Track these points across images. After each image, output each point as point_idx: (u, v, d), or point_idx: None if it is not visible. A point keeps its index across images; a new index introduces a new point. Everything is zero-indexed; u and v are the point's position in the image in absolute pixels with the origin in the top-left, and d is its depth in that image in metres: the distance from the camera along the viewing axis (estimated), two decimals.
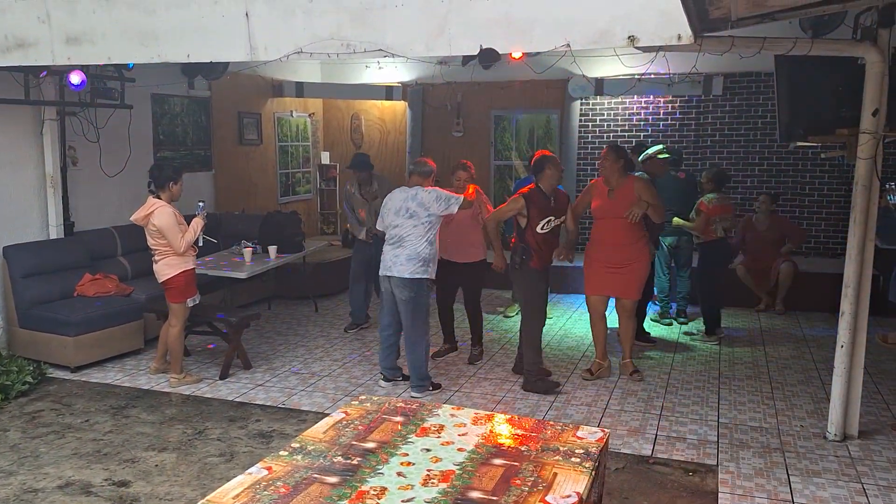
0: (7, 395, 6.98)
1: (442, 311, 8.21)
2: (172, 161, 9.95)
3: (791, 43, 5.66)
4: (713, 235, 8.84)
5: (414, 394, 7.18)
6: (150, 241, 7.20)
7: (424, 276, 6.98)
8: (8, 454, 5.87)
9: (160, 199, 7.14)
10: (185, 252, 7.22)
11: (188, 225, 7.22)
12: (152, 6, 5.65)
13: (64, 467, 5.63)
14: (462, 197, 7.13)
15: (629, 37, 4.65)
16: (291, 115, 13.34)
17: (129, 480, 5.41)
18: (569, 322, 9.86)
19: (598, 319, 7.56)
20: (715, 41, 5.59)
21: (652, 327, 9.30)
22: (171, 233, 7.07)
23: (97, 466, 5.64)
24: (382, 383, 7.43)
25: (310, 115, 13.89)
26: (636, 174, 7.93)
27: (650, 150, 8.55)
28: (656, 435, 6.25)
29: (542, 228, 7.09)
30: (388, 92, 13.15)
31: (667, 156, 8.68)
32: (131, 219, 7.24)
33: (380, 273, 7.15)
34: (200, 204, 7.53)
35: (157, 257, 7.19)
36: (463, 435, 3.85)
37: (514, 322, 9.62)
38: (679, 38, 4.56)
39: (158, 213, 7.05)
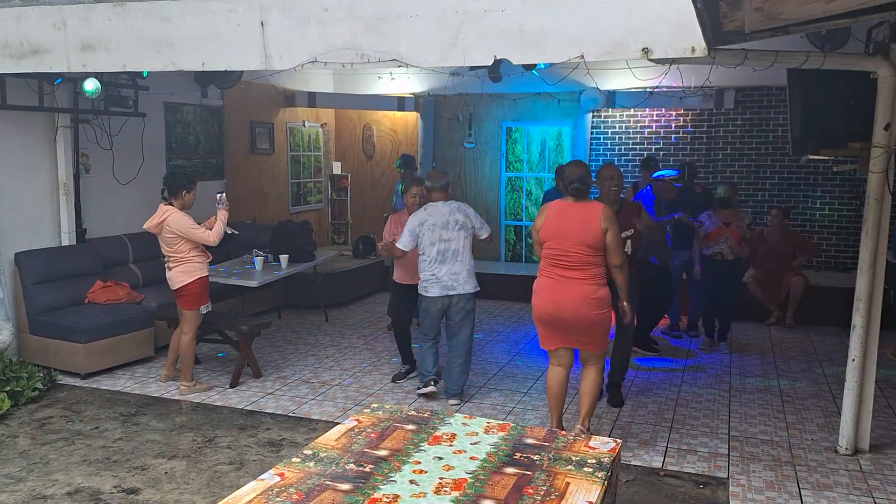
0: (17, 401, 6.98)
1: (401, 333, 8.01)
2: (185, 169, 9.98)
3: (804, 56, 5.66)
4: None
5: (455, 401, 7.22)
6: (165, 249, 7.22)
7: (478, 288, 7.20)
8: (17, 460, 5.87)
9: (172, 206, 7.17)
10: (219, 241, 7.28)
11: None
12: (167, 14, 5.67)
13: (73, 474, 5.63)
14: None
15: (643, 48, 4.65)
16: (303, 125, 13.38)
17: (138, 488, 5.42)
18: None
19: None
20: (728, 54, 5.60)
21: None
22: (193, 233, 7.13)
23: (107, 473, 5.65)
24: (429, 389, 7.24)
25: (322, 125, 13.93)
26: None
27: (665, 174, 8.55)
28: (667, 447, 6.23)
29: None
30: (399, 103, 13.18)
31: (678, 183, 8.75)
32: (144, 226, 7.26)
33: (434, 295, 7.02)
34: (219, 195, 7.50)
35: (171, 264, 7.21)
36: (475, 444, 3.85)
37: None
38: (693, 50, 4.56)
39: (172, 219, 7.09)
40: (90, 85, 7.82)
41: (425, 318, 7.21)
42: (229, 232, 7.58)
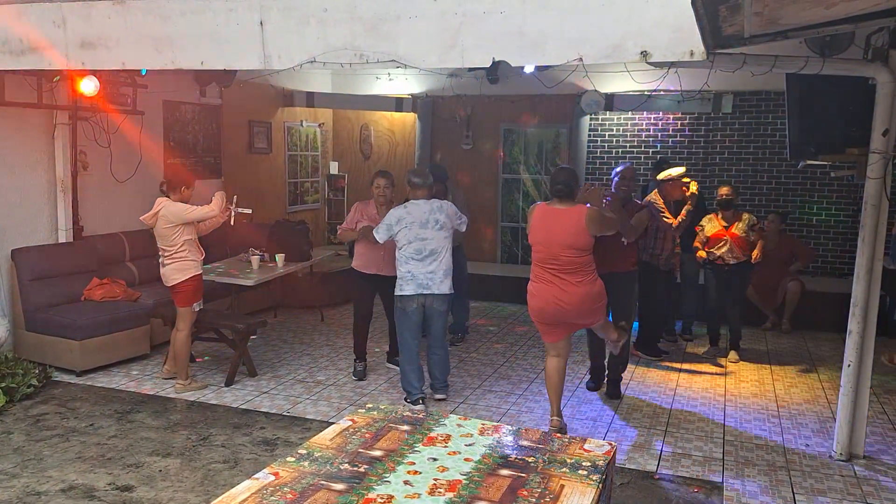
0: (12, 397, 6.98)
1: (364, 327, 8.02)
2: (186, 168, 9.99)
3: (803, 61, 5.67)
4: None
5: (441, 396, 7.25)
6: (160, 243, 7.23)
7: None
8: (11, 457, 5.87)
9: (168, 199, 7.19)
10: (221, 214, 7.39)
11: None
12: (167, 13, 5.68)
13: (67, 471, 5.63)
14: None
15: (642, 52, 4.67)
16: (301, 125, 13.37)
17: (132, 485, 5.41)
18: None
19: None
20: (727, 58, 5.60)
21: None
22: (192, 213, 7.18)
23: (101, 471, 5.64)
24: (419, 407, 6.94)
25: (319, 124, 13.92)
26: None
27: (674, 172, 8.46)
28: (661, 451, 6.23)
29: None
30: (398, 103, 13.16)
31: (688, 179, 8.70)
32: (140, 218, 7.27)
33: (409, 293, 6.90)
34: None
35: (165, 261, 7.21)
36: (470, 445, 3.85)
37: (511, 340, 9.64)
38: (691, 53, 4.59)
39: (167, 210, 7.11)
40: (88, 86, 7.81)
41: (403, 323, 7.06)
42: (241, 210, 7.73)
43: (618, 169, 7.60)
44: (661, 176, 8.40)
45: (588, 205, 6.17)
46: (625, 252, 7.16)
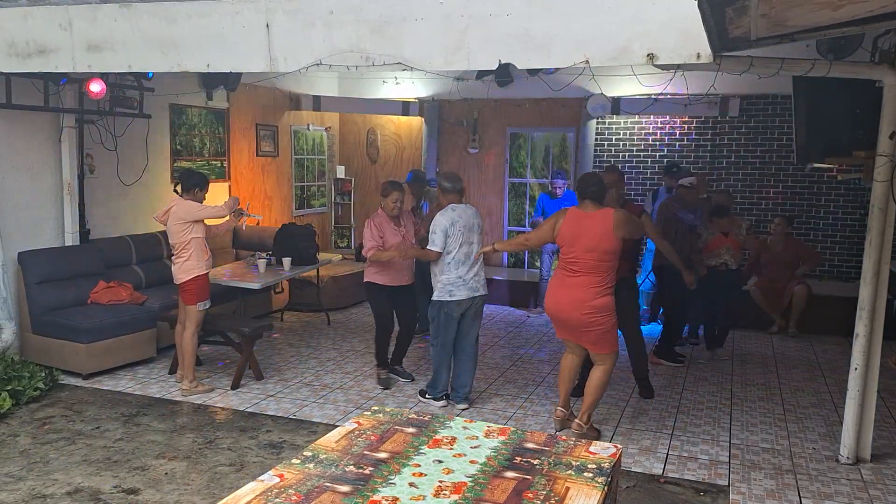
0: (18, 400, 6.99)
1: (388, 337, 7.89)
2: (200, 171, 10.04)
3: (809, 64, 5.66)
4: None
5: (464, 405, 7.19)
6: (171, 240, 7.31)
7: None
8: (18, 459, 5.87)
9: (181, 197, 7.25)
10: (232, 218, 7.54)
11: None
12: (173, 15, 5.67)
13: (73, 474, 5.63)
14: None
15: (648, 54, 4.66)
16: (308, 129, 13.38)
17: (138, 488, 5.41)
18: None
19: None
20: (734, 60, 5.60)
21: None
22: (203, 211, 7.25)
23: (107, 474, 5.64)
24: (442, 403, 7.21)
25: (326, 128, 13.93)
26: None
27: (685, 181, 8.60)
28: (668, 454, 6.22)
29: None
30: (404, 107, 13.15)
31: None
32: (154, 217, 7.34)
33: (461, 297, 6.88)
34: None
35: (175, 259, 7.27)
36: (475, 447, 3.84)
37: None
38: (698, 56, 4.56)
39: (178, 207, 7.18)
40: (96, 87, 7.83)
41: (447, 327, 6.99)
42: (252, 216, 7.86)
43: None
44: (683, 182, 8.57)
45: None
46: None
